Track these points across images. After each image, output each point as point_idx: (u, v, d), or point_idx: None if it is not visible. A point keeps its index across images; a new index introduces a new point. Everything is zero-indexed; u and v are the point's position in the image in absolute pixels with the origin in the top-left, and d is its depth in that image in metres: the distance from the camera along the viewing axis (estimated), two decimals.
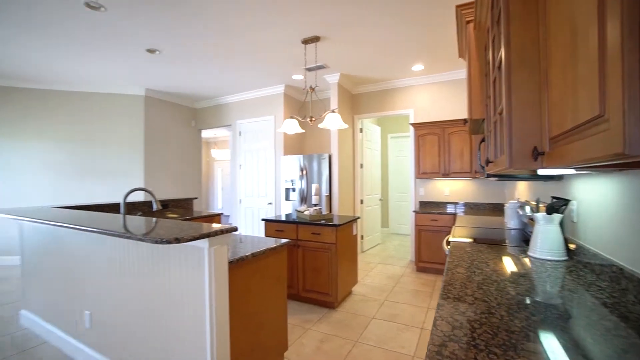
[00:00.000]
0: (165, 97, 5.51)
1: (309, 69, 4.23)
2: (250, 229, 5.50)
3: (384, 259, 4.85)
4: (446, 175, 4.20)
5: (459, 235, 2.19)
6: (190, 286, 1.59)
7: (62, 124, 4.90)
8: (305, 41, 3.33)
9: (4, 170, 4.70)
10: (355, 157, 5.24)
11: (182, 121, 5.88)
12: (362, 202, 5.33)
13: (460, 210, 4.15)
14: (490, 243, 1.93)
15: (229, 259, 1.64)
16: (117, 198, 5.08)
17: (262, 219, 3.39)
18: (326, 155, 4.55)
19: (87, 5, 2.57)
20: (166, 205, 4.04)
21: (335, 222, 3.01)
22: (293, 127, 3.42)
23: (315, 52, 3.69)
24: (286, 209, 4.95)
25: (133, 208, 3.49)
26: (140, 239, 1.41)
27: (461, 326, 0.87)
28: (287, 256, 3.20)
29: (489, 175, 1.97)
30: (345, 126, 3.28)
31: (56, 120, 4.88)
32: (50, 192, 4.84)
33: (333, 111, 3.20)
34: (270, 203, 5.31)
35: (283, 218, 3.34)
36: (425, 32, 3.19)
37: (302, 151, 5.58)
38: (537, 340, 0.78)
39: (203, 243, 1.51)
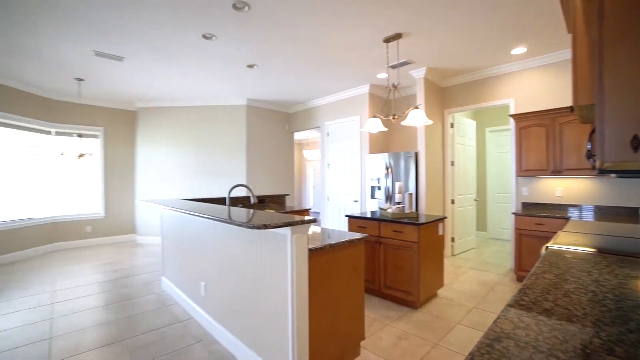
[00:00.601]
0: (263, 104, 6.23)
1: (393, 67, 4.19)
2: (337, 225, 5.75)
3: (477, 264, 4.44)
4: (557, 172, 3.59)
5: (566, 243, 1.90)
6: (276, 268, 1.84)
7: (184, 133, 6.08)
8: (387, 40, 3.34)
9: (148, 171, 6.11)
10: (445, 154, 4.93)
11: (277, 125, 6.55)
12: (453, 202, 4.99)
13: (576, 215, 3.49)
14: (619, 254, 1.62)
15: (309, 247, 1.83)
16: (226, 193, 6.00)
17: (346, 215, 3.54)
18: (412, 153, 4.44)
19: (204, 36, 3.18)
20: (263, 200, 4.59)
21: (419, 220, 2.95)
22: (376, 126, 3.48)
23: (397, 49, 3.65)
24: (372, 207, 5.01)
25: (236, 201, 4.10)
26: (238, 225, 1.72)
27: (526, 327, 0.82)
28: (369, 252, 3.28)
29: (601, 172, 1.66)
30: (430, 122, 3.16)
31: (180, 130, 6.08)
32: (179, 187, 6.07)
33: (417, 107, 3.13)
34: (356, 201, 5.45)
35: (367, 215, 3.42)
36: (524, 8, 2.82)
37: (388, 149, 5.55)
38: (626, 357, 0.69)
39: (286, 231, 1.73)
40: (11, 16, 2.84)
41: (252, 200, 3.02)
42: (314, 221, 1.78)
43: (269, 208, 4.18)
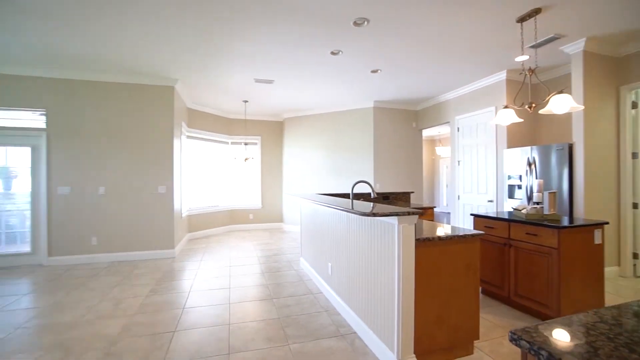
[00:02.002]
0: (389, 105, 6.41)
1: (536, 46, 3.63)
2: (469, 225, 5.35)
3: None
4: None
5: None
6: (385, 254, 2.07)
7: (318, 137, 6.94)
8: (521, 19, 2.98)
9: (291, 170, 7.30)
10: (621, 143, 3.85)
11: (404, 124, 6.61)
12: (635, 206, 3.85)
13: None
14: None
15: (417, 238, 1.97)
16: (358, 190, 6.52)
17: (471, 214, 3.36)
18: (565, 145, 3.72)
19: (331, 53, 3.70)
20: (387, 197, 4.81)
21: (562, 223, 2.54)
22: (508, 117, 3.15)
23: (535, 27, 3.16)
24: (510, 207, 4.45)
25: (359, 197, 4.48)
26: (352, 212, 2.04)
27: None
28: (495, 254, 3.03)
29: None
30: (579, 107, 2.64)
31: (315, 134, 6.97)
32: (314, 184, 7.00)
33: (561, 92, 2.68)
34: (490, 201, 4.95)
35: (495, 214, 3.16)
36: None
37: (533, 142, 4.77)
38: None
39: (393, 220, 1.94)
40: (209, 65, 4.12)
41: (373, 195, 3.31)
42: (420, 213, 1.91)
43: (392, 204, 4.37)
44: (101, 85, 4.67)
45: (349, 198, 4.38)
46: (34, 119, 4.51)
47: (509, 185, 4.49)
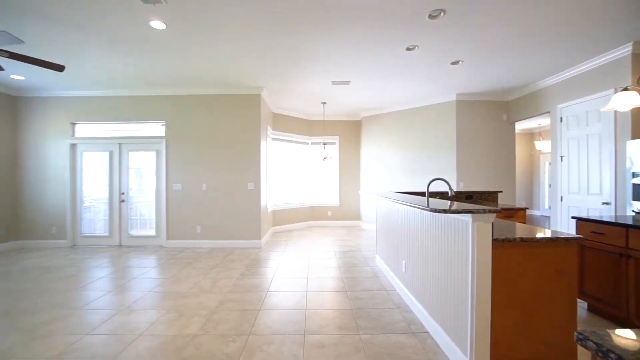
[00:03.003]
0: (474, 97, 5.90)
1: None
2: (574, 232, 4.57)
3: None
4: None
5: None
6: (458, 254, 1.98)
7: (395, 134, 6.79)
8: None
9: (368, 169, 7.32)
10: None
11: (491, 117, 5.99)
12: None
13: None
14: None
15: (494, 238, 1.84)
16: (435, 188, 6.20)
17: (573, 217, 2.91)
18: None
19: (407, 49, 3.63)
20: (470, 196, 4.46)
21: None
22: (631, 100, 2.63)
23: None
24: (631, 212, 3.66)
25: (437, 195, 4.28)
26: (424, 209, 2.02)
27: None
28: (607, 266, 2.57)
29: None
30: None
31: (392, 132, 6.85)
32: (391, 182, 6.89)
33: None
34: (606, 203, 4.14)
35: (602, 218, 2.68)
36: None
37: None
38: None
39: (467, 218, 1.85)
40: (290, 71, 4.50)
41: (450, 194, 3.15)
42: (497, 211, 1.78)
43: (476, 204, 4.05)
44: (204, 98, 5.53)
45: (424, 196, 4.22)
46: (157, 129, 5.64)
47: (634, 185, 3.68)
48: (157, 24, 3.11)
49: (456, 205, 2.14)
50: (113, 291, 3.33)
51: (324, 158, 6.97)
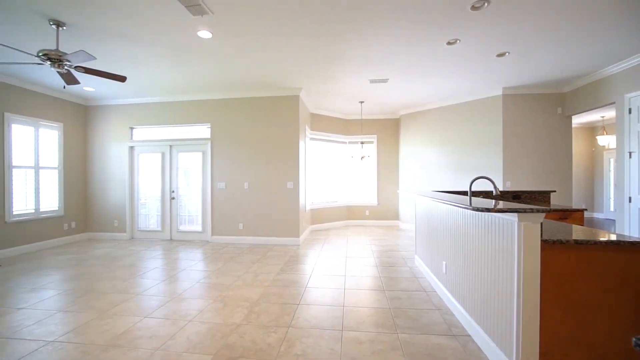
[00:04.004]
0: (523, 90, 5.50)
1: None
2: None
3: None
4: None
5: None
6: (503, 256, 1.89)
7: (437, 132, 6.55)
8: None
9: (406, 168, 7.14)
10: None
11: (543, 110, 5.55)
12: None
13: None
14: None
15: (543, 239, 1.73)
16: (478, 188, 5.88)
17: None
18: None
19: (448, 43, 3.51)
20: (518, 196, 4.19)
21: None
22: None
23: None
24: None
25: (480, 194, 4.06)
26: (466, 208, 1.96)
27: None
28: None
29: None
30: None
31: (433, 129, 6.61)
32: (432, 181, 6.67)
33: None
34: None
35: None
36: None
37: None
38: None
39: (512, 217, 1.76)
40: (328, 72, 4.56)
41: (495, 193, 2.99)
42: (546, 210, 1.67)
43: (525, 204, 3.79)
44: (245, 101, 5.80)
45: (466, 195, 4.04)
46: (203, 131, 6.02)
47: None
48: (204, 34, 3.34)
49: (501, 204, 2.04)
50: (166, 280, 3.64)
51: (362, 157, 6.93)
